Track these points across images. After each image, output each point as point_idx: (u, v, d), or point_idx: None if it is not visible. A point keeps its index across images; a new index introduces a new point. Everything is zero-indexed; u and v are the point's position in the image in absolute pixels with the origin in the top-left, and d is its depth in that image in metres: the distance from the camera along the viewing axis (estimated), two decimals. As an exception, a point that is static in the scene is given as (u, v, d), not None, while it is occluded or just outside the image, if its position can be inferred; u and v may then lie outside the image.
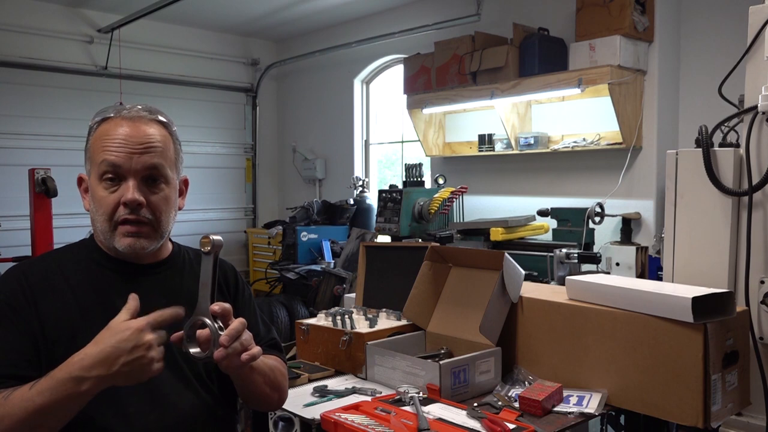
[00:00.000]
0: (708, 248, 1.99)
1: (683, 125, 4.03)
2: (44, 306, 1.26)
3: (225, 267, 1.53)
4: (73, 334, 1.24)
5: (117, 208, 1.28)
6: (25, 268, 1.33)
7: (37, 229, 4.04)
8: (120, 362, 1.10)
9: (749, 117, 1.90)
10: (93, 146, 1.32)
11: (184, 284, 1.40)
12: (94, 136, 1.32)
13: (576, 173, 4.36)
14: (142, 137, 1.30)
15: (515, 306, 2.04)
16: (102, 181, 1.29)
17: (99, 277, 1.33)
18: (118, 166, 1.28)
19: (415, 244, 2.72)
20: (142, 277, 1.36)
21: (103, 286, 1.32)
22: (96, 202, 1.30)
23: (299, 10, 5.84)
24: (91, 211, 1.33)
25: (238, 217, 6.89)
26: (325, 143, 6.53)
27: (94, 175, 1.31)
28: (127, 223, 1.28)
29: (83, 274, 1.33)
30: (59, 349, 1.22)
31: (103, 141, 1.29)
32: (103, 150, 1.28)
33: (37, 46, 5.48)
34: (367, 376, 2.05)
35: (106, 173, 1.28)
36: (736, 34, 2.22)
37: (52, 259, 1.36)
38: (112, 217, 1.29)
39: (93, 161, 1.31)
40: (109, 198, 1.28)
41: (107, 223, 1.29)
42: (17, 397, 1.12)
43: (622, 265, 3.74)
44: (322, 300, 4.66)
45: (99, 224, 1.31)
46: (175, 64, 6.28)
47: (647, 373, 1.73)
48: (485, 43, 4.38)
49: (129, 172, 1.28)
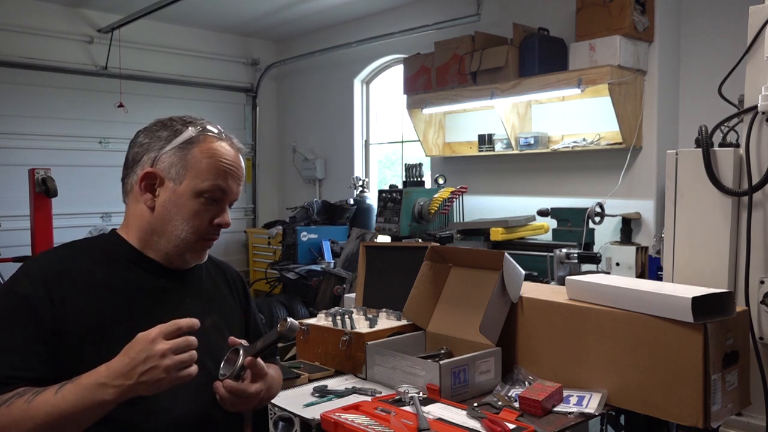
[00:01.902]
0: (708, 248, 1.99)
1: (683, 125, 4.03)
2: (69, 303, 1.24)
3: (234, 274, 1.59)
4: (102, 334, 1.24)
5: (208, 226, 1.34)
6: (49, 262, 1.30)
7: (37, 229, 4.04)
8: (137, 372, 1.11)
9: (749, 117, 1.90)
10: (199, 159, 1.32)
11: (203, 287, 1.45)
12: (199, 148, 1.32)
13: (576, 173, 4.36)
14: (241, 169, 1.38)
15: (515, 306, 2.04)
16: (200, 197, 1.32)
17: (130, 274, 1.33)
18: (225, 193, 1.34)
19: (415, 244, 2.72)
20: (170, 279, 1.37)
21: (134, 284, 1.32)
22: (185, 214, 1.32)
23: (299, 10, 5.84)
24: (164, 214, 1.32)
25: (238, 217, 6.89)
26: (325, 143, 6.53)
27: (190, 186, 1.31)
28: (211, 240, 1.37)
29: (113, 270, 1.32)
30: (88, 348, 1.22)
31: (215, 161, 1.32)
32: (215, 171, 1.32)
33: (37, 46, 5.48)
34: (367, 376, 2.05)
35: (211, 194, 1.32)
36: (736, 34, 2.22)
37: (80, 253, 1.34)
38: (200, 232, 1.34)
39: (197, 175, 1.31)
40: (206, 215, 1.33)
41: (194, 235, 1.33)
42: (41, 402, 1.12)
43: (622, 265, 3.74)
44: (322, 300, 4.66)
45: (182, 233, 1.32)
46: (175, 64, 6.28)
47: (647, 373, 1.73)
48: (485, 43, 4.38)
49: (227, 199, 1.36)
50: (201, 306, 1.40)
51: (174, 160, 1.31)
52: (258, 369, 1.31)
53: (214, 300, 1.46)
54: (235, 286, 1.56)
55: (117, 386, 1.11)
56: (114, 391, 1.11)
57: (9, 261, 4.26)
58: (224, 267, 1.57)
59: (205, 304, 1.42)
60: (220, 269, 1.55)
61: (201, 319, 1.36)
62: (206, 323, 1.39)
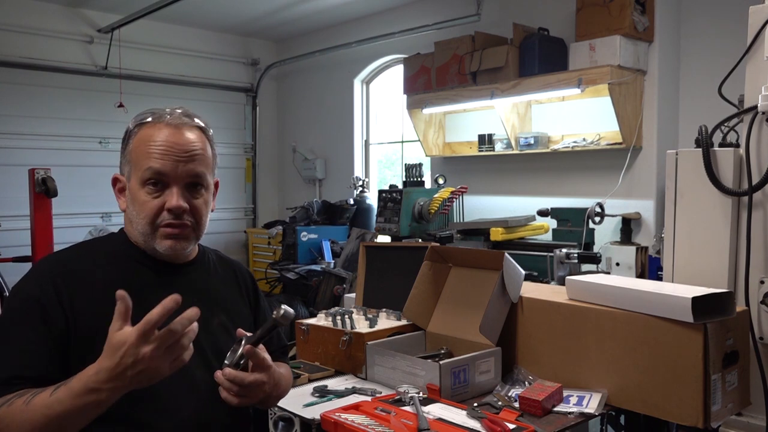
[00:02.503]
0: (708, 248, 1.99)
1: (683, 125, 4.03)
2: (80, 302, 1.26)
3: (245, 273, 1.60)
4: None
5: (160, 213, 1.31)
6: (60, 262, 1.33)
7: (37, 229, 4.04)
8: (128, 376, 1.11)
9: (749, 117, 1.90)
10: (135, 150, 1.33)
11: (210, 284, 1.47)
12: (135, 139, 1.34)
13: (576, 173, 4.36)
14: (186, 144, 1.33)
15: (515, 306, 2.04)
16: (145, 186, 1.31)
17: (135, 273, 1.35)
18: (163, 174, 1.31)
19: (415, 244, 2.72)
20: (174, 276, 1.39)
21: (138, 283, 1.32)
22: (137, 206, 1.33)
23: (299, 10, 5.84)
24: (130, 212, 1.36)
25: (238, 217, 6.89)
26: (325, 143, 6.53)
27: (135, 179, 1.33)
28: (170, 226, 1.32)
29: (119, 270, 1.34)
30: (98, 345, 1.20)
31: (147, 146, 1.31)
32: (147, 156, 1.31)
33: (37, 46, 5.48)
34: (367, 376, 2.05)
35: (150, 179, 1.31)
36: (736, 34, 2.21)
37: (86, 253, 1.38)
38: (154, 221, 1.32)
39: (135, 166, 1.33)
40: (152, 203, 1.31)
41: (149, 226, 1.32)
42: (38, 404, 1.12)
43: (622, 265, 3.74)
44: (322, 300, 4.66)
45: (140, 227, 1.33)
46: (175, 64, 6.28)
47: (647, 373, 1.73)
48: (485, 43, 4.38)
49: (173, 180, 1.32)
50: (208, 305, 1.39)
51: (123, 160, 1.37)
52: (258, 359, 1.30)
53: (221, 299, 1.47)
54: (245, 285, 1.57)
55: (109, 389, 1.11)
56: (107, 393, 1.11)
57: (9, 261, 4.26)
58: (235, 266, 1.59)
59: (212, 303, 1.42)
60: (230, 268, 1.56)
61: (208, 318, 1.38)
62: (213, 323, 1.41)
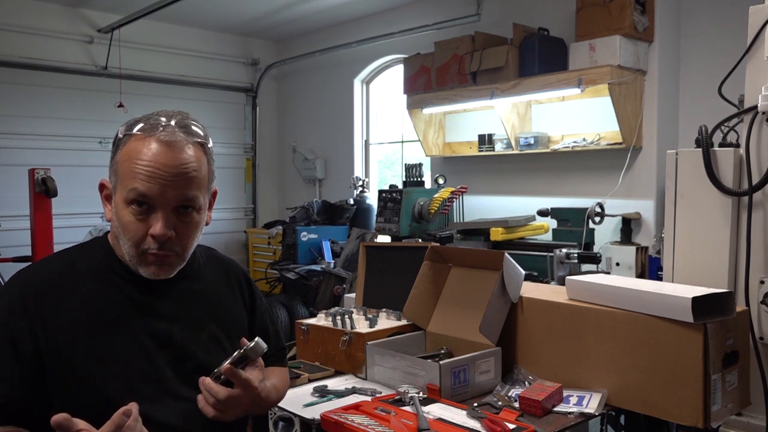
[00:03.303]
0: (708, 248, 1.99)
1: (683, 125, 4.03)
2: (51, 324, 1.20)
3: (238, 272, 1.51)
4: (92, 345, 1.21)
5: (145, 238, 1.21)
6: (29, 280, 1.25)
7: (37, 229, 4.04)
8: None
9: (749, 117, 1.90)
10: (122, 163, 1.21)
11: (200, 293, 1.38)
12: (123, 150, 1.22)
13: (576, 173, 4.36)
14: (177, 166, 1.19)
15: (515, 306, 2.04)
16: (129, 206, 1.21)
17: (118, 288, 1.27)
18: (148, 197, 1.19)
19: (415, 244, 2.72)
20: (161, 289, 1.30)
21: (123, 298, 1.27)
22: (122, 225, 1.22)
23: (299, 10, 5.84)
24: (115, 227, 1.26)
25: (238, 217, 6.90)
26: (325, 143, 6.53)
27: (120, 195, 1.22)
28: (154, 254, 1.23)
29: (100, 284, 1.27)
30: (77, 360, 1.19)
31: (133, 163, 1.19)
32: (132, 175, 1.19)
33: (37, 46, 5.48)
34: (367, 376, 2.05)
35: (134, 200, 1.20)
36: (736, 34, 2.22)
37: (65, 267, 1.28)
38: (139, 245, 1.22)
39: (121, 181, 1.21)
40: (136, 225, 1.21)
41: (134, 249, 1.23)
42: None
43: (622, 265, 3.74)
44: (322, 300, 4.66)
45: (126, 247, 1.24)
46: (175, 64, 6.28)
47: (647, 373, 1.73)
48: (485, 43, 4.38)
49: (160, 204, 1.20)
50: (197, 315, 1.35)
51: (111, 169, 1.25)
52: (237, 379, 1.23)
53: (211, 308, 1.38)
54: (239, 285, 1.48)
55: None
56: None
57: (9, 261, 4.27)
58: (228, 266, 1.50)
59: (200, 313, 1.35)
60: (223, 268, 1.47)
61: (196, 331, 1.33)
62: (203, 336, 1.34)
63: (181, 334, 1.30)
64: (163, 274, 1.26)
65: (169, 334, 1.29)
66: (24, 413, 1.17)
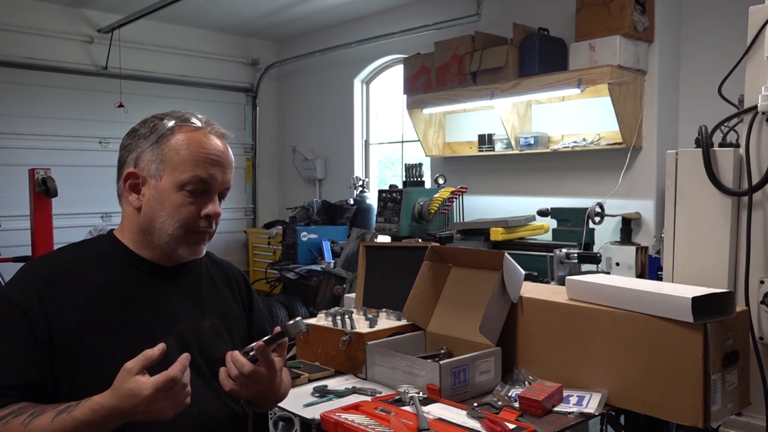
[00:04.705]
0: (708, 248, 1.99)
1: (683, 125, 4.03)
2: (63, 308, 1.24)
3: (237, 275, 1.57)
4: (98, 334, 1.25)
5: (197, 219, 1.31)
6: (43, 266, 1.31)
7: (37, 229, 4.04)
8: (136, 417, 1.13)
9: (749, 117, 1.90)
10: (177, 151, 1.29)
11: (203, 287, 1.44)
12: (174, 140, 1.30)
13: (576, 173, 4.36)
14: (228, 156, 1.35)
15: (515, 306, 2.04)
16: (182, 190, 1.29)
17: (126, 276, 1.33)
18: (208, 183, 1.31)
19: (415, 244, 2.72)
20: (166, 279, 1.37)
21: (130, 287, 1.32)
22: (170, 208, 1.30)
23: (299, 10, 5.84)
24: (151, 212, 1.31)
25: (238, 217, 6.89)
26: (325, 143, 6.53)
27: (170, 180, 1.29)
28: (201, 232, 1.33)
29: (109, 272, 1.32)
30: (83, 348, 1.23)
31: (196, 152, 1.30)
32: (194, 162, 1.29)
33: (37, 46, 5.48)
34: (367, 376, 2.05)
35: (192, 185, 1.29)
36: (736, 34, 2.22)
37: (75, 255, 1.35)
38: (189, 226, 1.31)
39: (174, 168, 1.29)
40: (190, 208, 1.30)
41: (182, 230, 1.30)
42: (38, 428, 1.12)
43: (622, 265, 3.74)
44: (322, 300, 4.66)
45: (171, 229, 1.30)
46: (175, 64, 6.28)
47: (647, 373, 1.73)
48: (485, 43, 4.38)
49: (215, 188, 1.33)
50: (198, 307, 1.40)
51: (152, 157, 1.31)
52: (266, 358, 1.29)
53: (212, 301, 1.44)
54: (238, 286, 1.54)
55: (115, 423, 1.14)
56: (113, 425, 1.14)
57: (9, 261, 4.26)
58: (226, 268, 1.56)
59: (203, 305, 1.41)
60: (222, 270, 1.53)
61: (198, 321, 1.38)
62: (204, 325, 1.39)
63: (185, 323, 1.36)
64: (199, 252, 1.37)
65: (174, 322, 1.34)
66: (44, 390, 1.20)
